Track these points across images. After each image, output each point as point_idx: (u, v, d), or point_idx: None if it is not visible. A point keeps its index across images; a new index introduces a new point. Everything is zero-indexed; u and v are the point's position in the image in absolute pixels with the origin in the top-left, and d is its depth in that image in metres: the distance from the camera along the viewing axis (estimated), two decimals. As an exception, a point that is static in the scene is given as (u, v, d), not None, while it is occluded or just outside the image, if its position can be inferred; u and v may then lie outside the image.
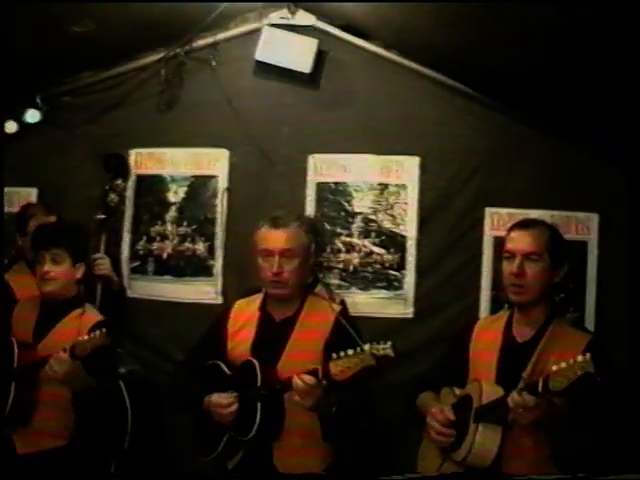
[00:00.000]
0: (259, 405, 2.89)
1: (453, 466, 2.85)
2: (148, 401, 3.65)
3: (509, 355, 2.88)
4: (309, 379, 2.75)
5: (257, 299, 3.19)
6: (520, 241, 2.87)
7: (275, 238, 3.05)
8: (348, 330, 2.90)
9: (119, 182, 3.71)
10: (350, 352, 2.67)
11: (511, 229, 2.95)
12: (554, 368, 2.46)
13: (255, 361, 2.96)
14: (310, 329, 3.06)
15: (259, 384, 2.92)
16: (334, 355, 2.69)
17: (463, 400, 2.90)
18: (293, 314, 3.09)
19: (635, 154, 3.80)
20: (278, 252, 3.02)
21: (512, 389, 2.67)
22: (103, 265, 3.61)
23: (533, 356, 2.79)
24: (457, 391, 2.99)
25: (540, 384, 2.51)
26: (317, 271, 3.62)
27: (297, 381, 2.78)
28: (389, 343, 3.31)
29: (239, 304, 3.24)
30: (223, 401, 2.96)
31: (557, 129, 3.95)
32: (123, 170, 3.81)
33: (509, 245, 2.90)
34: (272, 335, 3.07)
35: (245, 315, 3.17)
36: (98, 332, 2.96)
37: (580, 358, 2.41)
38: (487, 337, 3.00)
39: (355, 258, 4.11)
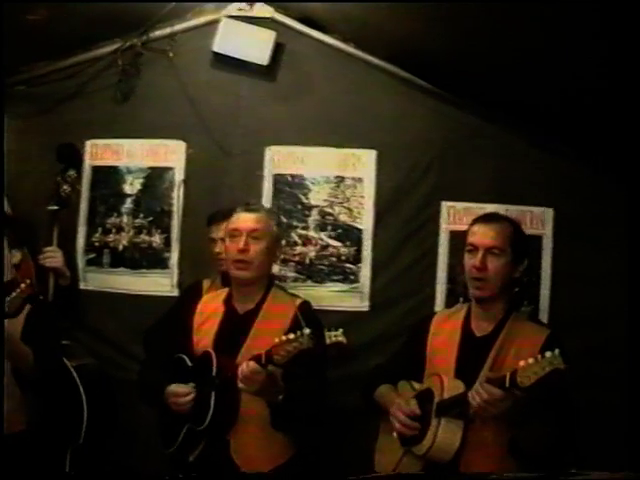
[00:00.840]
0: (213, 394, 2.96)
1: (413, 460, 2.93)
2: (104, 395, 3.67)
3: (468, 349, 2.94)
4: (251, 364, 2.82)
5: (223, 293, 3.26)
6: (483, 235, 2.93)
7: (244, 218, 3.14)
8: (305, 320, 2.98)
9: (71, 173, 3.69)
10: (291, 336, 2.76)
11: (474, 223, 3.01)
12: (522, 364, 2.52)
13: (212, 352, 3.03)
14: (271, 321, 3.12)
15: (214, 374, 2.98)
16: (276, 340, 2.78)
17: (424, 394, 2.96)
18: (255, 306, 3.15)
19: (592, 148, 3.90)
20: (246, 231, 3.10)
21: (471, 383, 2.75)
22: (54, 258, 3.60)
23: (492, 350, 2.86)
24: (415, 385, 3.06)
25: (507, 379, 2.56)
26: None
27: (242, 367, 2.86)
28: (340, 330, 3.81)
29: (205, 299, 3.32)
30: (179, 390, 3.03)
31: (513, 123, 4.04)
32: (75, 160, 3.80)
33: (472, 239, 2.95)
34: (234, 327, 3.12)
35: (210, 308, 3.23)
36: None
37: (549, 354, 2.47)
38: (445, 331, 3.06)
39: (311, 251, 4.16)
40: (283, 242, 3.94)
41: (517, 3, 3.00)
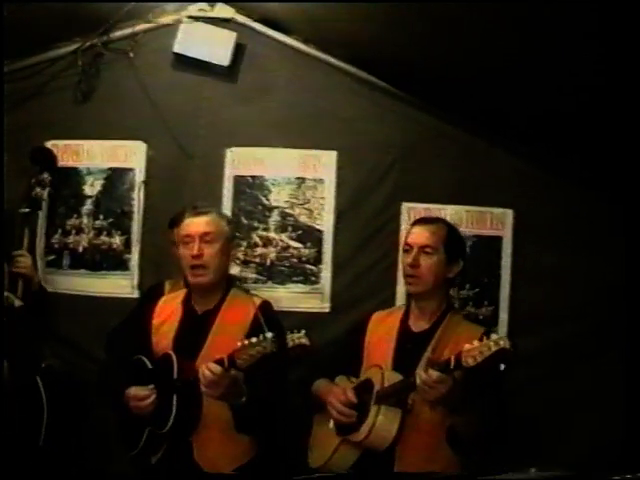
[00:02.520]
0: (175, 397, 3.03)
1: (349, 449, 3.10)
2: (69, 396, 3.72)
3: (405, 344, 3.15)
4: (214, 368, 2.89)
5: (181, 294, 3.34)
6: (418, 235, 3.18)
7: (195, 223, 3.21)
8: (265, 322, 3.06)
9: (45, 176, 3.76)
10: (254, 340, 2.82)
11: (413, 225, 3.27)
12: (467, 346, 2.72)
13: (172, 354, 3.09)
14: (230, 322, 3.18)
15: (175, 376, 3.05)
16: (239, 343, 2.85)
17: (364, 384, 3.14)
18: (214, 307, 3.22)
19: (551, 150, 4.06)
20: (198, 236, 3.16)
21: (408, 376, 2.96)
22: (23, 263, 3.60)
23: (429, 346, 3.07)
24: (353, 379, 3.23)
25: (452, 361, 2.75)
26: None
27: (204, 371, 2.91)
28: (303, 332, 3.90)
29: (164, 299, 3.41)
30: (140, 393, 3.10)
31: (472, 125, 4.18)
32: (49, 163, 3.86)
33: (408, 239, 3.22)
34: (193, 328, 3.20)
35: (168, 309, 3.30)
36: None
37: (494, 335, 2.70)
38: (383, 328, 3.25)
39: (272, 252, 4.24)
40: (244, 243, 4.19)
41: (479, 4, 3.11)
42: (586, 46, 3.07)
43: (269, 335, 2.80)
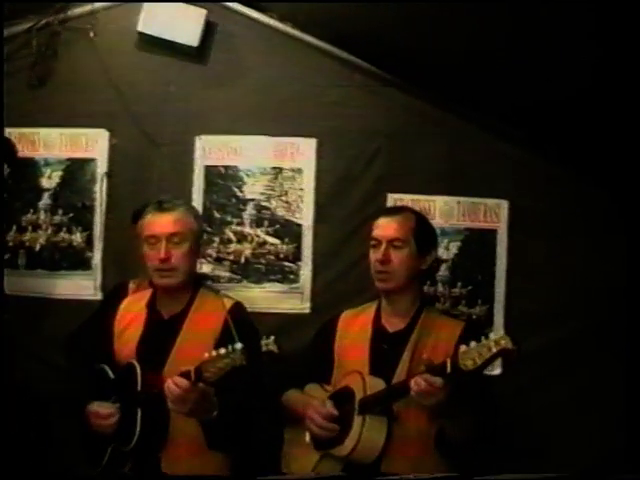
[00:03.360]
0: (139, 412, 2.95)
1: (332, 463, 3.02)
2: (24, 409, 3.66)
3: (381, 346, 3.08)
4: (181, 382, 2.81)
5: (146, 295, 3.25)
6: (385, 227, 3.11)
7: (161, 222, 3.10)
8: (236, 327, 2.97)
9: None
10: (222, 351, 2.74)
11: (378, 217, 3.18)
12: (463, 348, 2.64)
13: (136, 364, 3.02)
14: (199, 327, 3.12)
15: (139, 389, 2.98)
16: (206, 355, 2.77)
17: (342, 393, 3.06)
18: (181, 310, 3.14)
19: (549, 137, 3.97)
20: (165, 237, 3.08)
21: (388, 380, 2.93)
22: None
23: (408, 345, 3.01)
24: (327, 387, 3.18)
25: (449, 364, 2.68)
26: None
27: (169, 385, 2.84)
28: (272, 338, 3.80)
29: (127, 301, 3.32)
30: (101, 411, 3.03)
31: (463, 109, 4.08)
32: (8, 155, 3.82)
33: (375, 232, 3.13)
34: (159, 334, 3.12)
35: (132, 313, 3.22)
36: None
37: (493, 335, 2.61)
38: (354, 329, 3.18)
39: (247, 249, 4.16)
40: (216, 239, 4.11)
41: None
42: (584, 32, 3.05)
43: (238, 346, 2.72)
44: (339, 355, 3.17)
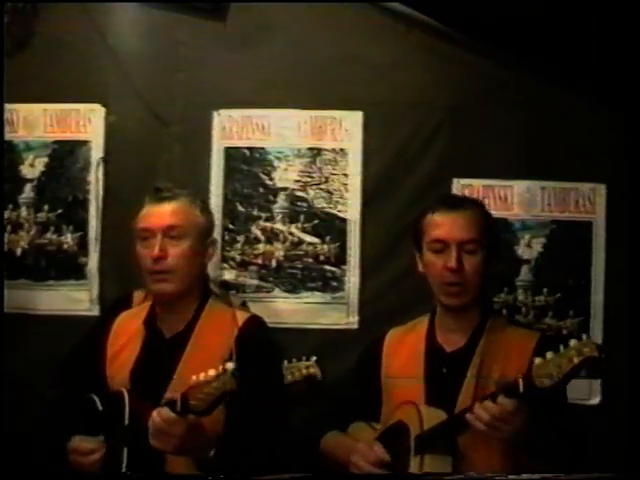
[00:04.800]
0: (125, 450, 2.81)
1: None
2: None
3: (438, 369, 2.93)
4: (163, 413, 2.64)
5: (143, 310, 3.12)
6: (453, 226, 2.91)
7: (158, 213, 2.97)
8: (249, 347, 2.84)
9: None
10: (211, 373, 2.58)
11: (434, 210, 2.98)
12: (537, 361, 2.50)
13: (125, 392, 2.87)
14: (207, 348, 2.96)
15: (126, 422, 2.83)
16: (194, 378, 2.61)
17: (394, 430, 2.91)
18: (185, 327, 2.98)
19: None
20: (161, 230, 2.93)
21: (450, 409, 2.78)
22: None
23: (470, 366, 2.85)
24: (375, 425, 3.02)
25: (521, 383, 2.52)
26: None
27: (153, 416, 2.67)
28: (313, 359, 3.66)
29: (122, 317, 3.17)
30: (83, 446, 2.86)
31: (549, 72, 3.78)
32: None
33: (437, 232, 2.91)
34: (159, 357, 2.98)
35: (128, 332, 3.09)
36: None
37: (574, 342, 2.44)
38: (404, 351, 3.04)
39: (279, 250, 3.95)
40: (240, 238, 3.94)
41: None
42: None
43: (230, 366, 2.55)
44: (387, 385, 3.01)
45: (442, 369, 2.93)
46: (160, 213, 2.95)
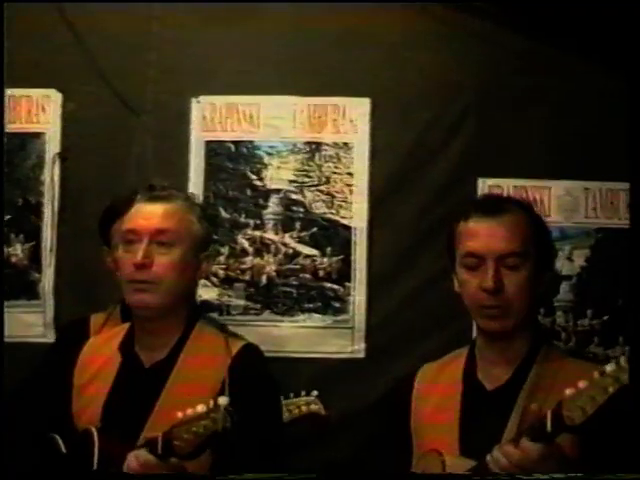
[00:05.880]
0: None
1: None
2: None
3: (476, 410, 2.74)
4: (142, 456, 2.57)
5: (119, 333, 3.01)
6: (490, 236, 2.68)
7: (147, 214, 2.86)
8: (247, 381, 2.73)
9: None
10: (200, 409, 2.48)
11: (468, 216, 2.73)
12: (568, 392, 2.33)
13: (94, 431, 2.75)
14: (194, 379, 2.82)
15: (95, 466, 2.74)
16: (179, 414, 2.52)
17: None
18: (168, 355, 2.86)
19: None
20: (149, 233, 2.81)
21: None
22: None
23: (515, 407, 2.66)
24: None
25: (549, 420, 2.36)
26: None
27: (129, 460, 2.60)
28: (314, 394, 3.54)
29: (92, 343, 3.06)
30: None
31: (592, 51, 3.58)
32: None
33: (471, 243, 2.68)
34: (136, 389, 2.85)
35: (99, 360, 2.95)
36: None
37: (611, 367, 2.27)
38: (437, 389, 2.85)
39: (270, 264, 3.77)
40: (224, 250, 3.78)
41: None
42: None
43: (222, 401, 2.44)
44: (417, 431, 2.80)
45: (481, 411, 2.74)
46: (150, 214, 2.84)
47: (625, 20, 3.38)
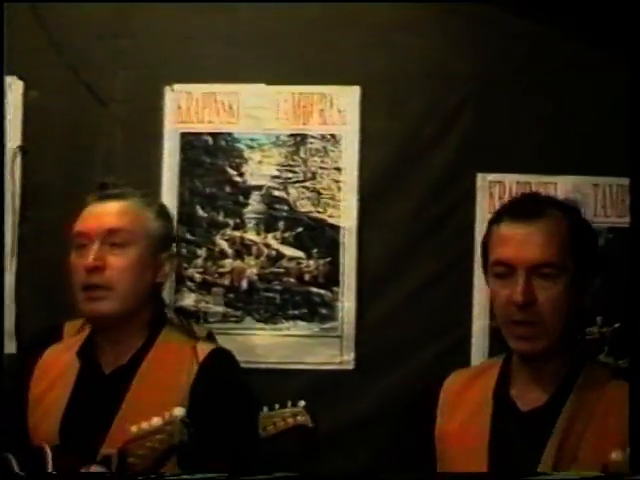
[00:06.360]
0: None
1: None
2: None
3: (508, 434, 2.59)
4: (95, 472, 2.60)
5: (78, 340, 2.92)
6: (522, 242, 2.52)
7: (98, 214, 2.80)
8: (215, 389, 2.68)
9: None
10: (155, 422, 2.45)
11: (499, 220, 2.57)
12: (614, 456, 2.18)
13: (46, 449, 2.69)
14: (157, 388, 2.75)
15: None
16: (133, 429, 2.49)
17: None
18: (130, 361, 2.80)
19: None
20: (100, 234, 2.74)
21: None
22: None
23: (553, 434, 2.50)
24: None
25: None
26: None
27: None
28: (301, 404, 3.38)
29: (50, 351, 2.96)
30: None
31: (601, 36, 3.46)
32: None
33: (500, 250, 2.53)
34: (95, 398, 2.77)
35: (57, 368, 2.87)
36: None
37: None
38: (465, 408, 2.69)
39: (251, 267, 3.64)
40: (201, 252, 3.66)
41: None
42: None
43: (178, 412, 2.42)
44: (442, 447, 2.66)
45: (513, 435, 2.60)
46: (101, 214, 2.77)
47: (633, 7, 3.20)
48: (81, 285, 2.73)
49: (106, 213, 2.77)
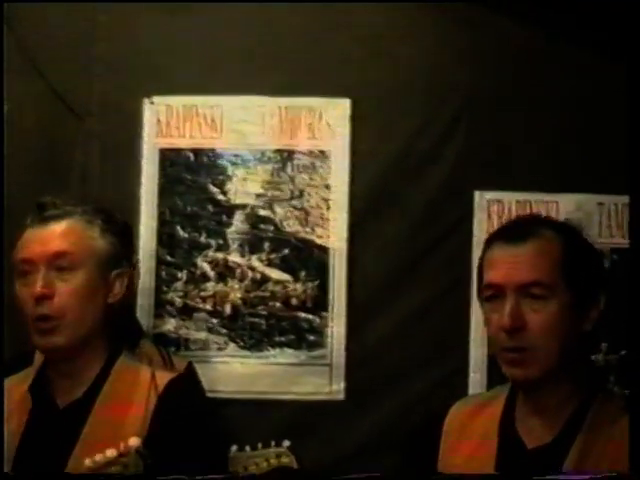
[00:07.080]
0: None
1: None
2: None
3: (515, 471, 2.59)
4: None
5: (31, 374, 2.93)
6: (511, 264, 2.53)
7: (40, 238, 2.77)
8: (175, 420, 2.68)
9: None
10: (109, 453, 2.45)
11: (491, 243, 2.61)
12: None
13: None
14: (114, 421, 2.76)
15: None
16: (87, 462, 2.46)
17: None
18: (85, 394, 2.77)
19: None
20: (45, 260, 2.72)
21: None
22: None
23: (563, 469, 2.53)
24: None
25: None
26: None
27: None
28: (286, 445, 3.14)
29: (9, 383, 2.91)
30: None
31: (606, 43, 3.37)
32: None
33: (490, 273, 2.54)
34: (49, 435, 2.78)
35: (12, 402, 2.86)
36: None
37: None
38: (469, 442, 2.68)
39: (235, 291, 3.53)
40: (181, 275, 3.54)
41: None
42: None
43: (133, 442, 2.43)
44: None
45: (520, 473, 2.57)
46: (44, 238, 2.73)
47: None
48: (32, 316, 2.69)
49: (49, 236, 2.72)
